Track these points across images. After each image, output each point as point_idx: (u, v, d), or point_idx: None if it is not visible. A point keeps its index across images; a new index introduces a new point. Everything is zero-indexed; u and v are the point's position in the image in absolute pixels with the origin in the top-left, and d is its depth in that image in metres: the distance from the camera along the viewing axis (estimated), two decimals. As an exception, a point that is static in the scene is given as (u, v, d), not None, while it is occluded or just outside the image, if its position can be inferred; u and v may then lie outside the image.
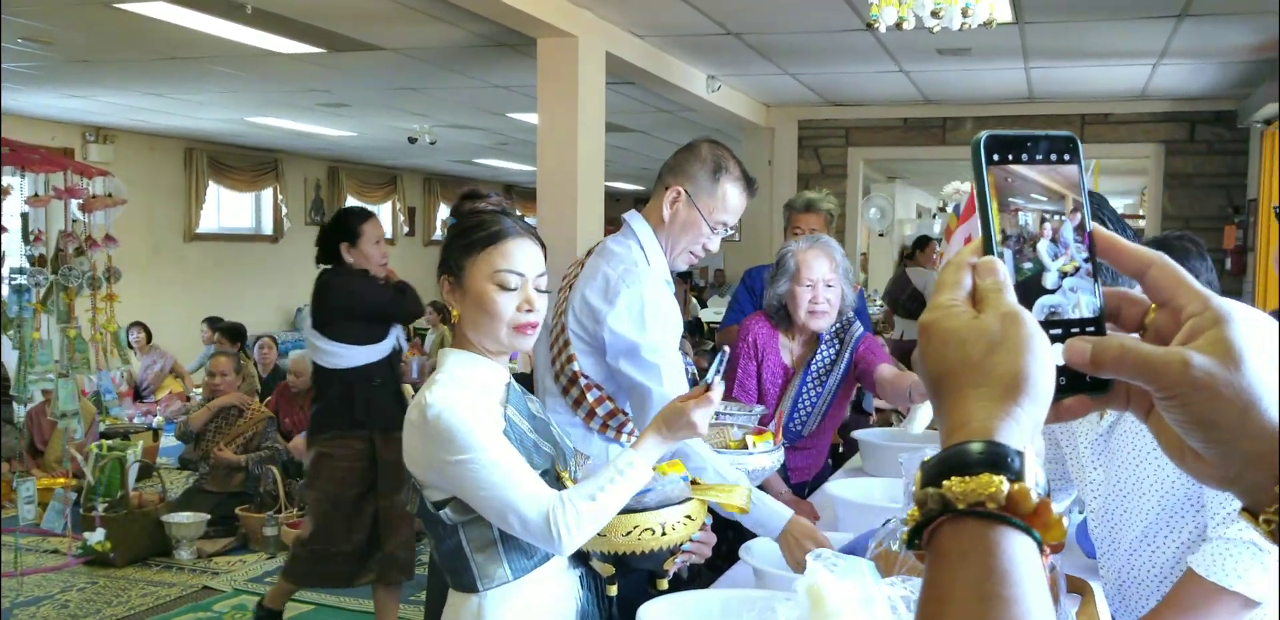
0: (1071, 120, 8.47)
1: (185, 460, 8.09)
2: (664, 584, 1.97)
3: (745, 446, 2.89)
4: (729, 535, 3.42)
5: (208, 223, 12.23)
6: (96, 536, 5.52)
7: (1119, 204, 16.50)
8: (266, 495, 6.33)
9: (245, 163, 12.47)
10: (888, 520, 2.06)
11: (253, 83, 8.02)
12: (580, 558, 1.96)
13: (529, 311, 1.92)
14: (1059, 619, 1.95)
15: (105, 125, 10.43)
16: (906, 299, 8.54)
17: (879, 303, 12.08)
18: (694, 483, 2.00)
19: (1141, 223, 14.14)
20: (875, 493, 3.17)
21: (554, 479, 1.92)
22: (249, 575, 5.75)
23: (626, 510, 1.84)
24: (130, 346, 9.51)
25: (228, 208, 12.81)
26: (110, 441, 6.57)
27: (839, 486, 3.14)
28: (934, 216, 17.64)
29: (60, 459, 6.77)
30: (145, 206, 10.90)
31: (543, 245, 2.02)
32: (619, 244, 2.63)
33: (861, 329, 3.53)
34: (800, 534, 2.38)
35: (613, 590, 1.99)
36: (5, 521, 5.89)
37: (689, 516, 1.89)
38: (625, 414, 2.67)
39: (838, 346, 3.45)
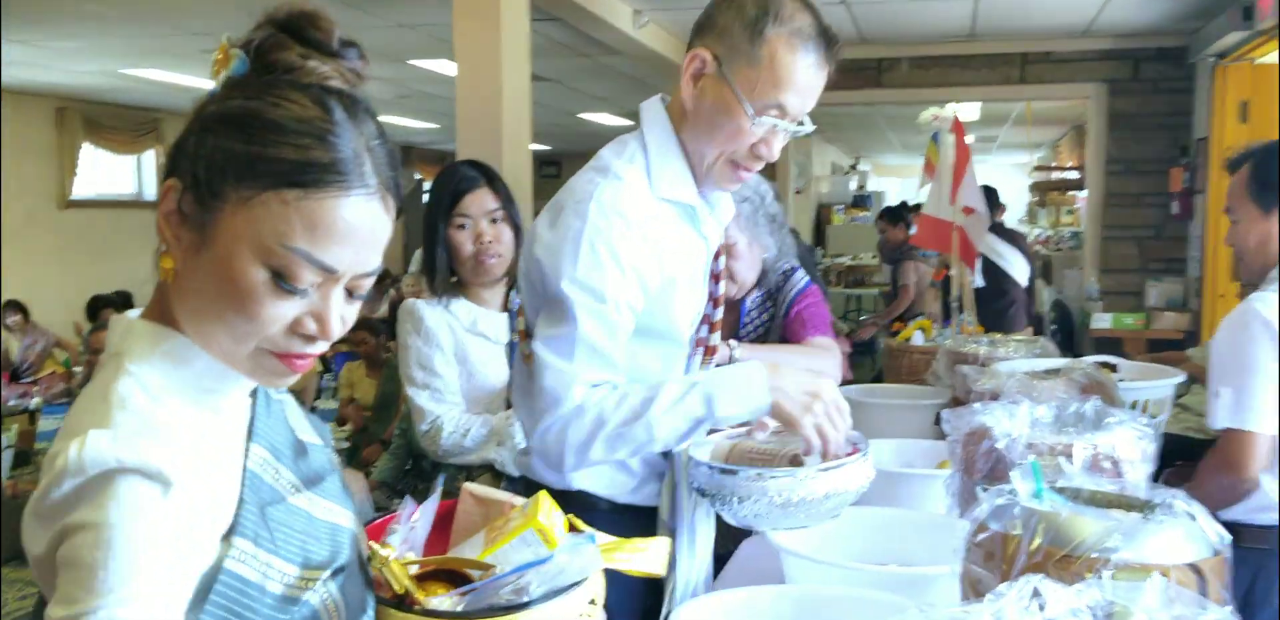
0: (1012, 59, 8.05)
1: (68, 445, 7.37)
2: None
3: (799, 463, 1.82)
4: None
5: (83, 189, 11.32)
6: (-39, 534, 4.83)
7: (1034, 157, 16.32)
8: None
9: (123, 122, 11.57)
10: (994, 495, 1.54)
11: (128, 25, 7.23)
12: None
13: (310, 339, 1.00)
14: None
15: (-36, 81, 9.53)
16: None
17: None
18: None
19: (1055, 175, 13.97)
20: (885, 457, 2.65)
21: (357, 571, 1.09)
22: (143, 571, 5.12)
23: (499, 609, 1.07)
24: (9, 329, 8.75)
25: (106, 172, 11.89)
26: (-21, 426, 5.85)
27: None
28: (845, 173, 17.33)
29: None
30: (13, 172, 10.03)
31: (396, 197, 1.03)
32: (615, 145, 1.81)
33: (802, 283, 2.81)
34: (793, 400, 1.63)
35: None
36: None
37: (591, 601, 1.15)
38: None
39: (770, 311, 2.80)
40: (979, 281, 4.30)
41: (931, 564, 1.73)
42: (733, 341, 2.49)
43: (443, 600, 1.08)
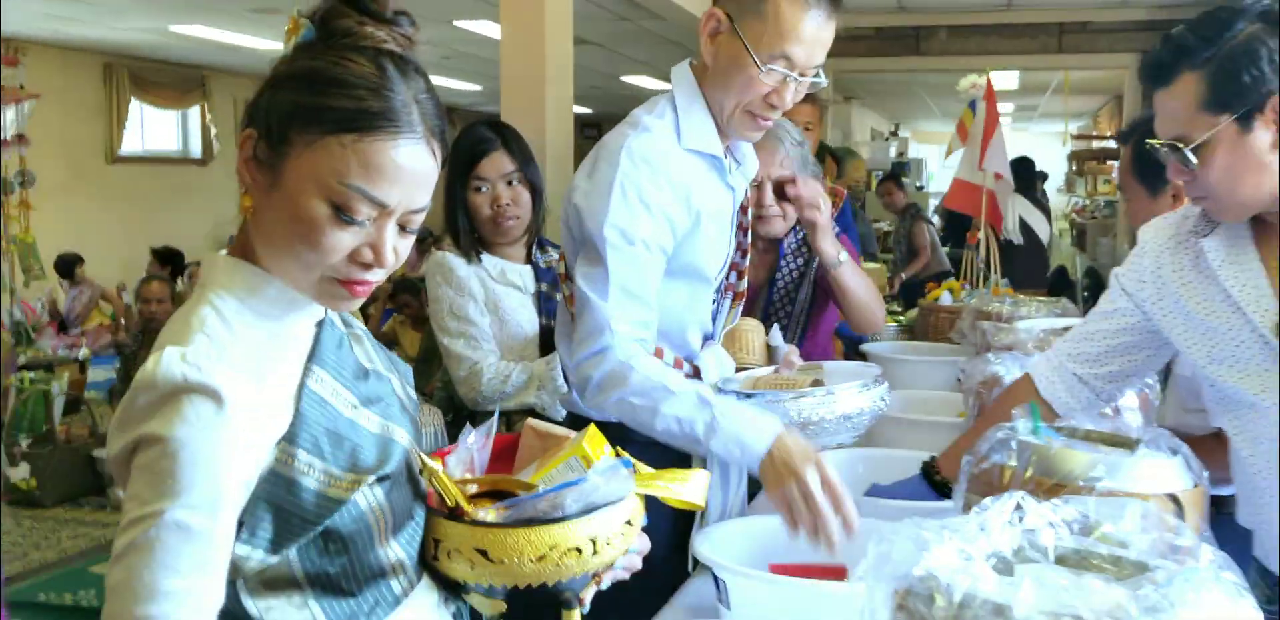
0: (1049, 29, 8.07)
1: (116, 393, 7.61)
2: (574, 617, 1.25)
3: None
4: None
5: (131, 144, 11.52)
6: (20, 472, 5.05)
7: (1073, 126, 16.25)
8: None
9: (170, 79, 11.74)
10: (995, 430, 1.66)
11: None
12: (453, 587, 1.26)
13: (367, 266, 1.14)
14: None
15: (15, 36, 9.66)
16: None
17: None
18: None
19: (1096, 143, 13.89)
20: (906, 405, 2.76)
21: (405, 482, 1.23)
22: (190, 513, 5.32)
23: (537, 521, 1.16)
24: (66, 277, 8.97)
25: (152, 129, 12.09)
26: (32, 374, 6.06)
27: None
28: (885, 140, 17.29)
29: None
30: (61, 127, 10.21)
31: (443, 145, 1.19)
32: (647, 103, 1.94)
33: (835, 229, 2.81)
34: (787, 457, 1.60)
35: None
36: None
37: (628, 522, 1.22)
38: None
39: (806, 254, 2.84)
40: (1018, 239, 4.38)
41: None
42: (842, 249, 2.54)
43: (487, 512, 1.20)
